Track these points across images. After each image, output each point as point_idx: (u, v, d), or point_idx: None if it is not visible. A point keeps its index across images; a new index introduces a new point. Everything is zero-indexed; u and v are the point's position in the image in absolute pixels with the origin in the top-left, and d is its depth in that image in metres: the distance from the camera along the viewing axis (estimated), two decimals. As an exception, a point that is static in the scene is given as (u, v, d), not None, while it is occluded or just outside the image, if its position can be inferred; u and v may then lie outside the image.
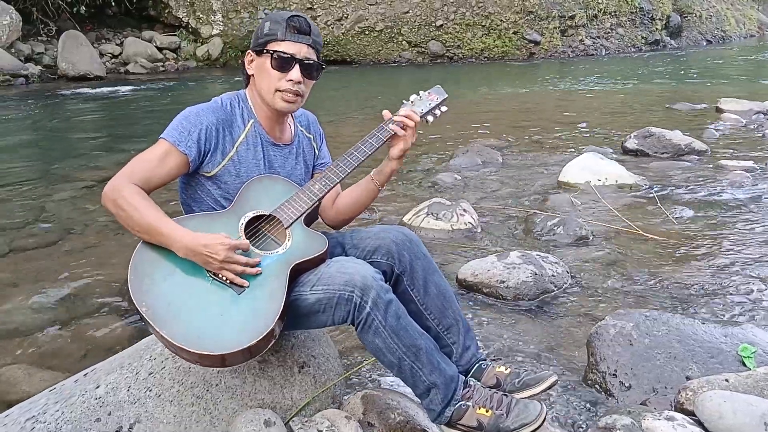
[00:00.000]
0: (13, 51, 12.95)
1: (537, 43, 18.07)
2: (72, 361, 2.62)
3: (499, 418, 1.77)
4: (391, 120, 2.02)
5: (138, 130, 8.29)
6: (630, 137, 6.37)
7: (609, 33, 20.11)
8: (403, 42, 17.46)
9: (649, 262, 3.50)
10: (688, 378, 2.14)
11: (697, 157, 5.95)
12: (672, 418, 1.85)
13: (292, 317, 1.81)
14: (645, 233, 3.92)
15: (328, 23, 17.07)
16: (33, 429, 1.79)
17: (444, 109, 2.16)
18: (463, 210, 4.20)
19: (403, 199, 4.88)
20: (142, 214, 1.75)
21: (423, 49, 17.50)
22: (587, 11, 19.28)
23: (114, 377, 1.91)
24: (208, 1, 16.62)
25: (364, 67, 16.83)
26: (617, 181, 5.08)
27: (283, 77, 1.89)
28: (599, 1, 19.48)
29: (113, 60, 15.05)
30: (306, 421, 1.89)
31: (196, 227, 1.79)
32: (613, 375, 2.24)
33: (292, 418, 1.92)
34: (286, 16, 1.91)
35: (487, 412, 1.80)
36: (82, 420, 1.80)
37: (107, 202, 1.80)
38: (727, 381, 2.01)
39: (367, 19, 17.28)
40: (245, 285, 1.74)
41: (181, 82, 13.22)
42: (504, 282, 3.10)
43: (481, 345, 2.48)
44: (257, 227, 1.90)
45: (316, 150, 2.19)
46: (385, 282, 1.83)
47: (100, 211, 4.23)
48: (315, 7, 17.00)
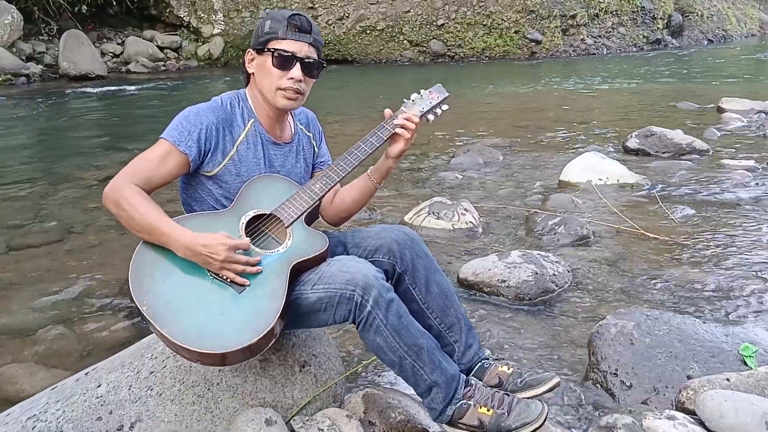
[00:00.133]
0: (14, 50, 12.96)
1: (538, 42, 18.06)
2: (73, 360, 2.63)
3: (500, 417, 1.77)
4: (392, 119, 2.03)
5: (139, 129, 8.29)
6: (631, 136, 6.36)
7: (610, 32, 20.09)
8: (405, 41, 17.46)
9: (650, 262, 3.49)
10: (689, 377, 2.14)
11: (698, 157, 5.94)
12: (673, 417, 1.85)
13: (293, 316, 1.81)
14: (646, 232, 3.92)
15: (330, 22, 17.07)
16: (34, 428, 1.79)
17: (445, 107, 2.17)
18: (464, 209, 4.19)
19: (405, 198, 4.88)
20: (142, 215, 1.76)
21: (424, 49, 17.50)
22: (588, 10, 19.26)
23: (115, 376, 1.91)
24: (209, 1, 16.64)
25: (365, 66, 16.83)
26: (618, 180, 5.08)
27: (284, 75, 1.89)
28: (600, 0, 19.46)
29: (114, 59, 15.06)
30: (307, 419, 1.89)
31: (196, 227, 1.79)
32: (614, 374, 2.24)
33: (293, 416, 1.92)
34: (287, 14, 1.91)
35: (488, 411, 1.80)
36: (83, 419, 1.81)
37: (108, 202, 1.80)
38: (728, 380, 2.00)
39: (368, 19, 17.28)
40: (246, 284, 1.74)
41: (183, 82, 13.22)
42: (505, 281, 3.10)
43: (482, 344, 2.48)
44: (258, 226, 1.90)
45: (316, 148, 2.19)
46: (387, 281, 1.83)
47: (101, 210, 4.22)
48: (316, 6, 17.00)
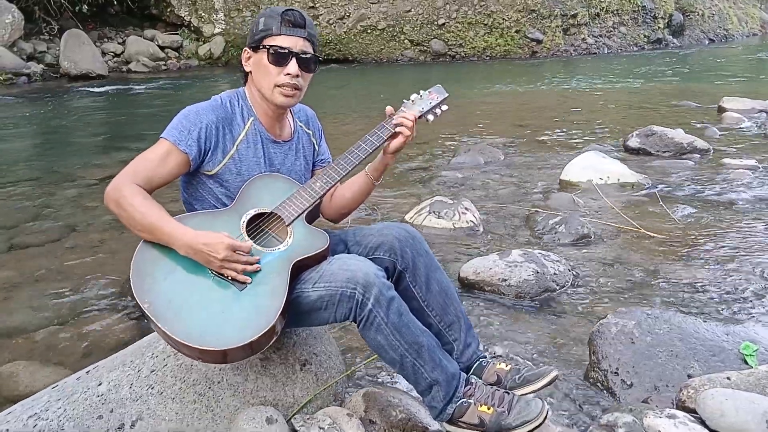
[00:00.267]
0: (15, 50, 12.95)
1: (539, 41, 18.04)
2: (74, 358, 2.63)
3: (500, 416, 1.78)
4: (392, 118, 2.04)
5: (140, 128, 8.29)
6: (632, 136, 6.36)
7: (611, 32, 20.06)
8: (405, 41, 17.44)
9: (650, 261, 3.49)
10: (690, 376, 2.14)
11: (699, 156, 5.94)
12: (673, 416, 1.85)
13: (294, 314, 1.81)
14: (647, 232, 3.92)
15: (330, 22, 17.06)
16: (35, 426, 1.79)
17: (444, 108, 2.18)
18: (465, 208, 4.20)
19: (406, 197, 4.88)
20: (143, 214, 1.76)
21: (425, 48, 17.48)
22: (589, 10, 19.23)
23: (116, 374, 1.92)
24: (210, 0, 16.62)
25: (366, 65, 16.82)
26: (619, 179, 5.07)
27: (280, 71, 1.89)
28: (601, -1, 19.47)
29: (115, 59, 15.04)
30: (308, 418, 1.89)
31: (197, 225, 1.80)
32: (615, 373, 2.24)
33: (293, 415, 1.93)
34: (280, 10, 1.91)
35: (488, 409, 1.80)
36: (84, 417, 1.81)
37: (109, 202, 1.80)
38: (728, 379, 2.01)
39: (369, 18, 17.27)
40: (248, 281, 1.74)
41: (183, 81, 13.22)
42: (506, 280, 3.10)
43: (482, 343, 2.48)
44: (258, 225, 1.90)
45: (316, 146, 2.19)
46: (388, 279, 1.83)
47: (103, 209, 4.22)
48: (317, 5, 16.98)
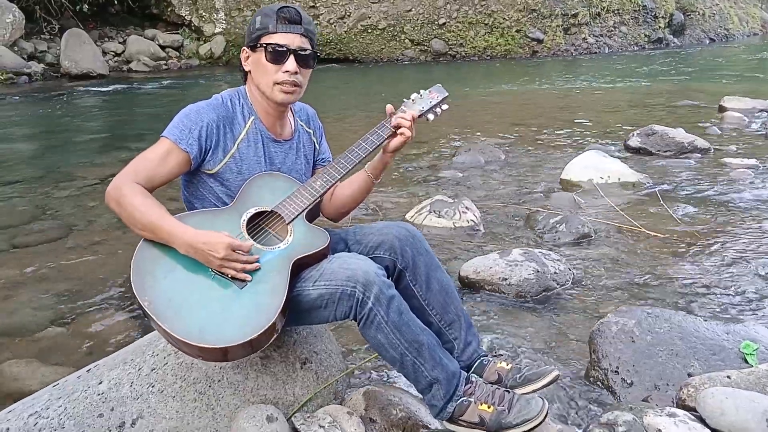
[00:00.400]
0: (16, 49, 12.96)
1: (540, 41, 18.04)
2: (75, 357, 2.63)
3: (501, 414, 1.78)
4: (392, 117, 2.04)
5: (140, 128, 8.30)
6: (633, 135, 6.36)
7: (612, 31, 20.06)
8: (406, 40, 17.43)
9: (651, 260, 3.49)
10: (690, 375, 2.14)
11: (699, 155, 5.94)
12: (674, 414, 1.85)
13: (294, 313, 1.81)
14: (647, 231, 3.92)
15: (331, 21, 17.06)
16: (36, 424, 1.80)
17: (444, 107, 2.18)
18: (466, 207, 4.20)
19: (406, 196, 4.88)
20: (144, 213, 1.76)
21: (426, 48, 17.47)
22: (590, 9, 19.23)
23: (116, 373, 1.92)
24: (210, 0, 16.63)
25: (366, 65, 16.83)
26: (620, 179, 5.08)
27: (279, 69, 1.89)
28: (602, -1, 19.47)
29: (116, 58, 15.05)
30: (308, 416, 1.89)
31: (198, 224, 1.80)
32: (615, 372, 2.24)
33: (294, 413, 1.93)
34: (276, 8, 1.90)
35: (489, 407, 1.80)
36: (84, 415, 1.81)
37: (110, 201, 1.80)
38: (728, 378, 2.01)
39: (369, 17, 17.26)
40: (247, 279, 1.74)
41: (184, 81, 13.23)
42: (506, 279, 3.10)
43: (482, 342, 2.48)
44: (259, 223, 1.90)
45: (317, 145, 2.19)
46: (388, 277, 1.83)
47: (103, 208, 4.24)
48: (318, 5, 16.98)
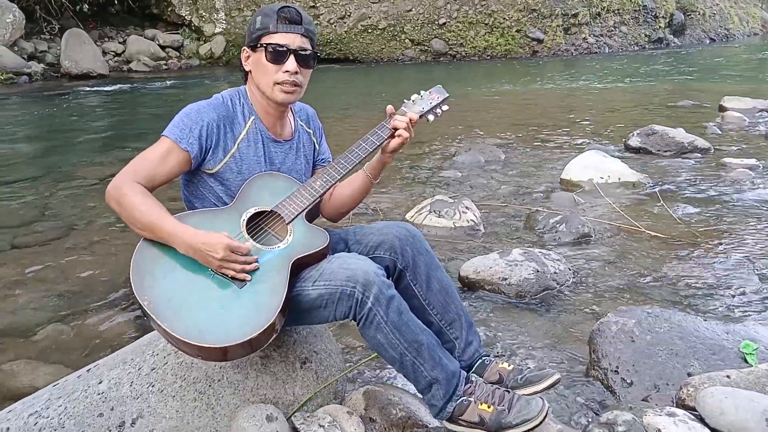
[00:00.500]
0: (16, 49, 12.97)
1: (540, 41, 18.05)
2: (75, 356, 2.63)
3: (500, 414, 1.78)
4: (392, 118, 2.05)
5: (140, 127, 8.30)
6: (633, 135, 6.36)
7: (612, 31, 20.07)
8: (406, 40, 17.44)
9: (651, 260, 3.49)
10: (690, 374, 2.14)
11: (700, 155, 5.94)
12: (673, 414, 1.85)
13: (294, 312, 1.81)
14: (648, 231, 3.92)
15: (331, 21, 17.06)
16: (36, 424, 1.80)
17: (445, 108, 2.19)
18: (466, 207, 4.20)
19: (406, 196, 4.88)
20: (144, 213, 1.76)
21: (426, 48, 17.48)
22: (590, 9, 19.24)
23: (117, 373, 1.92)
24: (210, 0, 16.64)
25: (366, 65, 16.83)
26: (620, 178, 5.08)
27: (279, 69, 1.89)
28: (602, -1, 19.47)
29: (116, 58, 15.07)
30: (308, 416, 1.89)
31: (197, 224, 1.80)
32: (615, 371, 2.24)
33: (294, 413, 1.93)
34: (276, 8, 1.90)
35: (488, 407, 1.80)
36: (84, 415, 1.81)
37: (110, 200, 1.80)
38: (728, 377, 2.01)
39: (370, 17, 17.27)
40: (247, 279, 1.74)
41: (184, 81, 13.23)
42: (506, 279, 3.10)
43: (482, 341, 2.48)
44: (258, 223, 1.91)
45: (317, 145, 2.19)
46: (388, 277, 1.83)
47: (103, 208, 4.24)
48: (318, 5, 16.99)
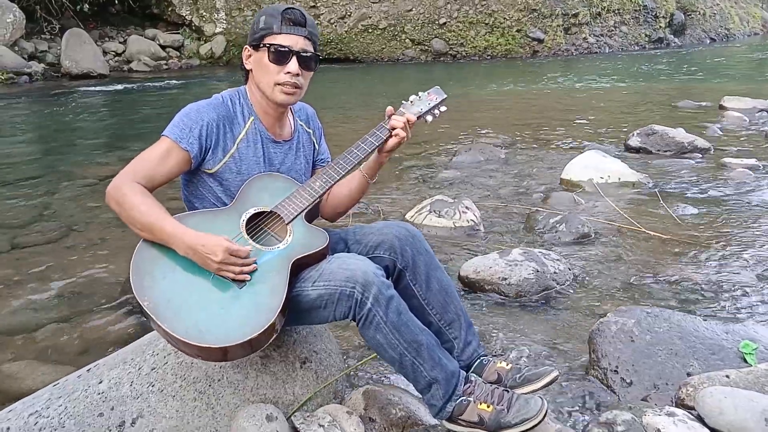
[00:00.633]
0: (16, 49, 12.99)
1: (540, 41, 18.05)
2: (75, 356, 2.64)
3: (500, 413, 1.78)
4: (390, 119, 2.06)
5: (141, 127, 8.31)
6: (633, 135, 6.36)
7: (612, 31, 20.07)
8: (407, 40, 17.45)
9: (651, 260, 3.49)
10: (689, 374, 2.15)
11: (700, 155, 5.94)
12: (672, 413, 1.85)
13: (293, 313, 1.82)
14: (647, 231, 3.92)
15: (332, 21, 17.07)
16: (36, 424, 1.80)
17: (443, 108, 2.20)
18: (466, 207, 4.20)
19: (406, 196, 4.89)
20: (144, 213, 1.76)
21: (426, 47, 17.49)
22: (591, 9, 19.25)
23: (117, 372, 1.92)
24: (211, 0, 16.64)
25: (367, 65, 16.83)
26: (620, 178, 5.08)
27: (281, 70, 1.90)
28: (603, -2, 19.47)
29: (116, 58, 15.08)
30: (308, 416, 1.90)
31: (197, 224, 1.80)
32: (615, 371, 2.24)
33: (293, 413, 1.93)
34: (281, 8, 1.91)
35: (488, 407, 1.80)
36: (84, 415, 1.82)
37: (110, 200, 1.81)
38: (727, 377, 2.01)
39: (370, 17, 17.28)
40: (247, 279, 1.75)
41: (185, 81, 13.24)
42: (506, 279, 3.11)
43: (483, 341, 2.48)
44: (258, 224, 1.91)
45: (316, 145, 2.20)
46: (388, 277, 1.83)
47: (103, 208, 4.24)
48: (318, 5, 17.00)
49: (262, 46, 1.91)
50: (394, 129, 2.03)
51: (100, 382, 1.90)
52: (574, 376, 2.36)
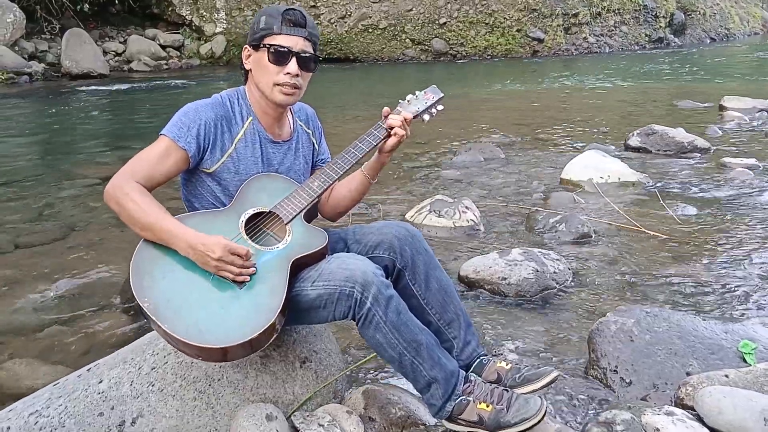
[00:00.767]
0: (16, 49, 12.99)
1: (540, 40, 18.05)
2: (75, 356, 2.64)
3: (499, 413, 1.78)
4: (387, 118, 2.06)
5: (141, 127, 8.31)
6: (633, 135, 6.36)
7: (613, 31, 20.07)
8: (407, 40, 17.45)
9: (650, 259, 3.50)
10: (689, 374, 2.15)
11: (699, 155, 5.94)
12: (672, 413, 1.85)
13: (293, 312, 1.82)
14: (647, 230, 3.92)
15: (332, 21, 17.07)
16: (36, 423, 1.80)
17: (440, 108, 2.20)
18: (466, 207, 4.20)
19: (406, 196, 4.89)
20: (143, 213, 1.76)
21: (426, 47, 17.49)
22: (591, 9, 19.25)
23: (117, 372, 1.93)
24: (211, 0, 16.65)
25: (367, 65, 16.83)
26: (620, 178, 5.08)
27: (280, 71, 1.90)
28: (603, -2, 19.47)
29: (117, 58, 15.09)
30: (307, 415, 1.90)
31: (197, 225, 1.80)
32: (614, 371, 2.24)
33: (293, 412, 1.93)
34: (281, 9, 1.91)
35: (487, 406, 1.80)
36: (85, 414, 1.82)
37: (110, 200, 1.81)
38: (726, 377, 2.01)
39: (370, 17, 17.28)
40: (246, 279, 1.75)
41: (185, 81, 13.23)
42: (506, 279, 3.11)
43: (482, 341, 2.49)
44: (257, 224, 1.91)
45: (316, 145, 2.20)
46: (387, 277, 1.84)
47: (103, 208, 4.24)
48: (318, 4, 17.01)
49: (261, 46, 1.91)
50: (392, 128, 2.03)
51: (100, 382, 1.90)
52: (573, 375, 2.36)
